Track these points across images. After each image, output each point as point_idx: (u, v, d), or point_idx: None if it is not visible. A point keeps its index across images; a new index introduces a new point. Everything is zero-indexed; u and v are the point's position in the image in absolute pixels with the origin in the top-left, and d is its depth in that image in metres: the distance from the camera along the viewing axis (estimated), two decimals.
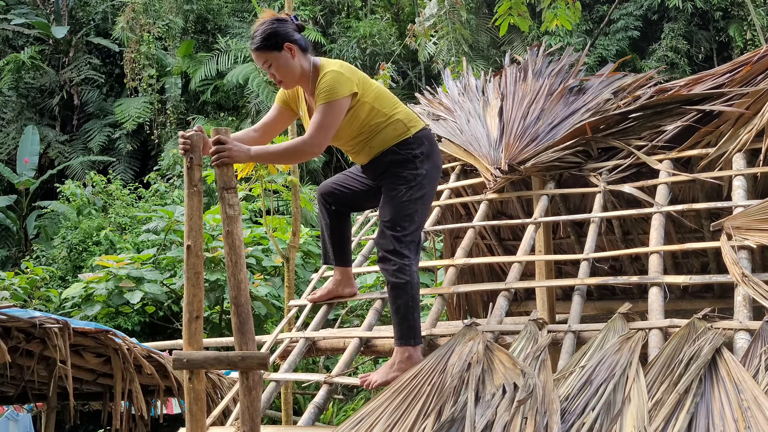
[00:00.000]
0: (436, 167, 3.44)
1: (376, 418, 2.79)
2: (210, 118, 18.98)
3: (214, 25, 20.59)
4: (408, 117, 3.38)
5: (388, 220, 3.31)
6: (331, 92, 3.14)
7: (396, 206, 3.29)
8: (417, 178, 3.29)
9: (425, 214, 3.46)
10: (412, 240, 3.32)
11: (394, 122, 3.32)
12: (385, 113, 3.31)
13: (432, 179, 3.39)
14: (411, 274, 3.27)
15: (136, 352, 5.05)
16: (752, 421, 2.39)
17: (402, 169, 3.30)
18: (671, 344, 2.80)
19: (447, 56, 12.71)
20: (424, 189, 3.33)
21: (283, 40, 3.20)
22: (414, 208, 3.30)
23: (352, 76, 3.25)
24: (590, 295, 5.66)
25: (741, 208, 3.60)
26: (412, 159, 3.30)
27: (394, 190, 3.30)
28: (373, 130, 3.30)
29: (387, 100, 3.35)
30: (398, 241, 3.27)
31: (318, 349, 3.94)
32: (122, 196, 15.19)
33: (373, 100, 3.29)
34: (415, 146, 3.32)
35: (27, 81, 19.78)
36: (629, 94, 4.64)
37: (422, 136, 3.36)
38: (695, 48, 17.90)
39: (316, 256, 9.81)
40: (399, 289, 3.25)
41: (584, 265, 3.68)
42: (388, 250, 3.28)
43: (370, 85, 3.33)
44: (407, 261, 3.27)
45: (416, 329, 3.26)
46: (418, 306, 3.28)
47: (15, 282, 10.74)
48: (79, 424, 10.38)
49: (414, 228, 3.32)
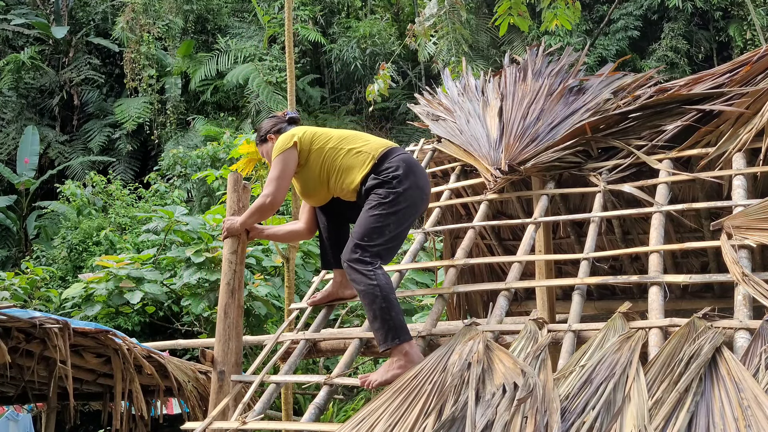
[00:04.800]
0: (417, 187, 3.44)
1: (377, 417, 2.79)
2: (210, 118, 19.00)
3: (214, 25, 20.61)
4: (377, 146, 3.52)
5: (357, 232, 3.36)
6: (275, 150, 3.60)
7: (367, 219, 3.35)
8: (391, 195, 3.35)
9: (399, 233, 3.42)
10: (378, 252, 3.32)
11: (359, 154, 3.50)
12: (348, 149, 3.53)
13: (410, 198, 3.40)
14: (377, 277, 3.25)
15: (136, 353, 5.05)
16: (752, 420, 2.39)
17: (379, 189, 3.39)
18: (671, 343, 2.80)
19: (447, 56, 12.70)
20: (399, 206, 3.36)
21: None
22: (385, 223, 3.33)
23: (297, 131, 3.62)
24: (590, 295, 5.67)
25: (741, 208, 3.60)
26: (390, 180, 3.38)
27: (369, 206, 3.38)
28: (339, 166, 3.52)
29: (352, 140, 3.58)
30: (362, 250, 3.29)
31: (318, 350, 3.94)
32: (122, 197, 15.21)
33: (327, 143, 3.56)
34: (391, 169, 3.41)
35: (27, 81, 19.80)
36: (629, 93, 4.63)
37: (396, 159, 3.45)
38: (695, 48, 17.91)
39: (316, 256, 9.81)
40: (369, 294, 3.23)
41: (584, 264, 3.68)
42: (351, 259, 3.30)
43: (325, 133, 3.63)
44: (370, 267, 3.27)
45: (399, 327, 3.22)
46: (393, 305, 3.24)
47: (15, 282, 10.75)
48: (79, 424, 10.39)
49: (382, 241, 3.33)
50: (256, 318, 9.56)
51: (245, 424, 3.17)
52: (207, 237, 9.70)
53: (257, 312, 9.39)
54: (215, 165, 14.29)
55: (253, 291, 9.14)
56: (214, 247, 9.34)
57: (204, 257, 9.18)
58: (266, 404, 3.36)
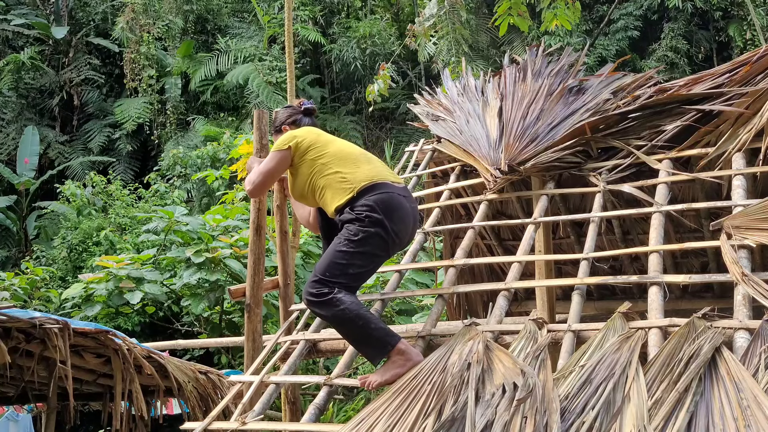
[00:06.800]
0: (390, 232, 3.27)
1: (377, 417, 2.79)
2: (210, 119, 18.99)
3: (214, 25, 20.61)
4: (362, 178, 3.34)
5: (319, 266, 3.24)
6: (275, 145, 3.61)
7: (333, 254, 3.24)
8: (360, 233, 3.22)
9: (363, 273, 3.30)
10: (339, 285, 3.18)
11: (342, 181, 3.35)
12: (335, 171, 3.39)
13: (380, 241, 3.25)
14: (340, 301, 3.13)
15: (136, 353, 5.05)
16: (752, 420, 2.39)
17: (351, 225, 3.27)
18: (671, 343, 2.80)
19: (447, 56, 12.71)
20: (366, 247, 3.22)
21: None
22: (350, 261, 3.21)
23: (299, 135, 3.54)
24: (590, 295, 5.67)
25: (740, 208, 3.60)
26: (363, 219, 3.24)
27: (338, 240, 3.28)
28: (322, 186, 3.41)
29: (345, 162, 3.42)
30: (321, 284, 3.17)
31: (318, 350, 3.94)
32: (122, 197, 15.21)
33: (321, 157, 3.44)
34: (366, 207, 3.26)
35: (27, 81, 19.79)
36: (629, 94, 4.63)
37: (375, 197, 3.28)
38: (695, 48, 17.90)
39: (316, 256, 9.81)
40: (339, 319, 3.16)
41: (584, 264, 3.68)
42: (310, 293, 3.20)
43: (324, 146, 3.49)
44: (329, 295, 3.15)
45: (384, 335, 3.15)
46: (369, 318, 3.15)
47: (15, 282, 10.76)
48: (79, 424, 10.40)
49: (344, 279, 3.19)
50: None
51: (245, 424, 3.17)
52: (207, 237, 9.70)
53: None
54: (215, 165, 14.30)
55: None
56: (214, 248, 9.35)
57: (204, 257, 9.18)
58: (266, 405, 3.36)
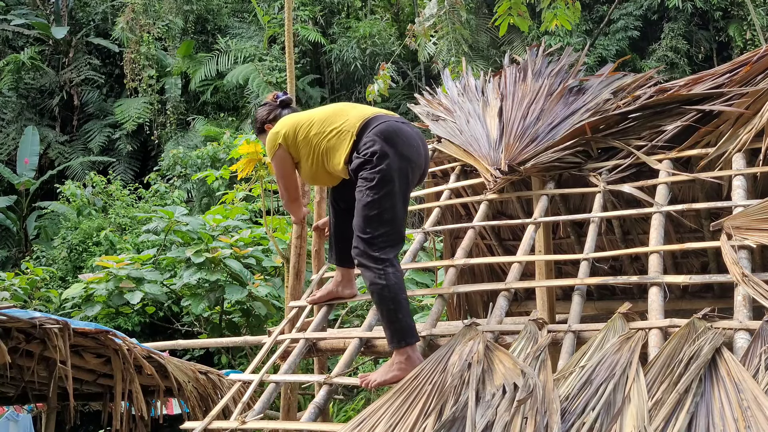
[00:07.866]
0: (402, 157, 3.26)
1: (378, 418, 2.79)
2: (210, 119, 19.00)
3: (214, 25, 20.61)
4: (356, 121, 3.39)
5: (356, 225, 3.26)
6: (268, 152, 3.70)
7: (361, 208, 3.24)
8: (375, 176, 3.20)
9: (397, 210, 3.26)
10: (385, 241, 3.20)
11: (340, 133, 3.41)
12: (330, 130, 3.45)
13: (397, 173, 3.23)
14: (387, 277, 3.15)
15: (136, 353, 5.06)
16: (752, 421, 2.39)
17: (363, 172, 3.26)
18: (671, 344, 2.80)
19: (447, 56, 12.71)
20: (388, 186, 3.20)
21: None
22: (381, 207, 3.19)
23: (281, 128, 3.60)
24: (590, 295, 5.66)
25: (741, 208, 3.59)
26: (370, 159, 3.23)
27: (359, 193, 3.27)
28: (326, 149, 3.46)
29: (334, 118, 3.48)
30: (368, 245, 3.19)
31: (318, 349, 3.93)
32: (122, 197, 15.21)
33: (311, 129, 3.49)
34: (367, 145, 3.27)
35: (27, 81, 19.80)
36: (629, 94, 4.63)
37: (372, 132, 3.29)
38: (695, 48, 17.90)
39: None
40: (377, 294, 3.19)
41: (584, 265, 3.68)
42: (360, 255, 3.23)
43: (308, 119, 3.54)
44: (380, 265, 3.16)
45: (405, 329, 3.17)
46: (402, 306, 3.18)
47: (15, 282, 10.76)
48: (79, 424, 10.40)
49: (385, 229, 3.20)
50: (256, 318, 9.56)
51: (245, 423, 3.17)
52: (207, 237, 9.70)
53: (257, 312, 9.39)
54: (215, 165, 14.30)
55: (253, 291, 9.15)
56: (214, 248, 9.35)
57: (204, 257, 9.18)
58: (266, 404, 3.35)
